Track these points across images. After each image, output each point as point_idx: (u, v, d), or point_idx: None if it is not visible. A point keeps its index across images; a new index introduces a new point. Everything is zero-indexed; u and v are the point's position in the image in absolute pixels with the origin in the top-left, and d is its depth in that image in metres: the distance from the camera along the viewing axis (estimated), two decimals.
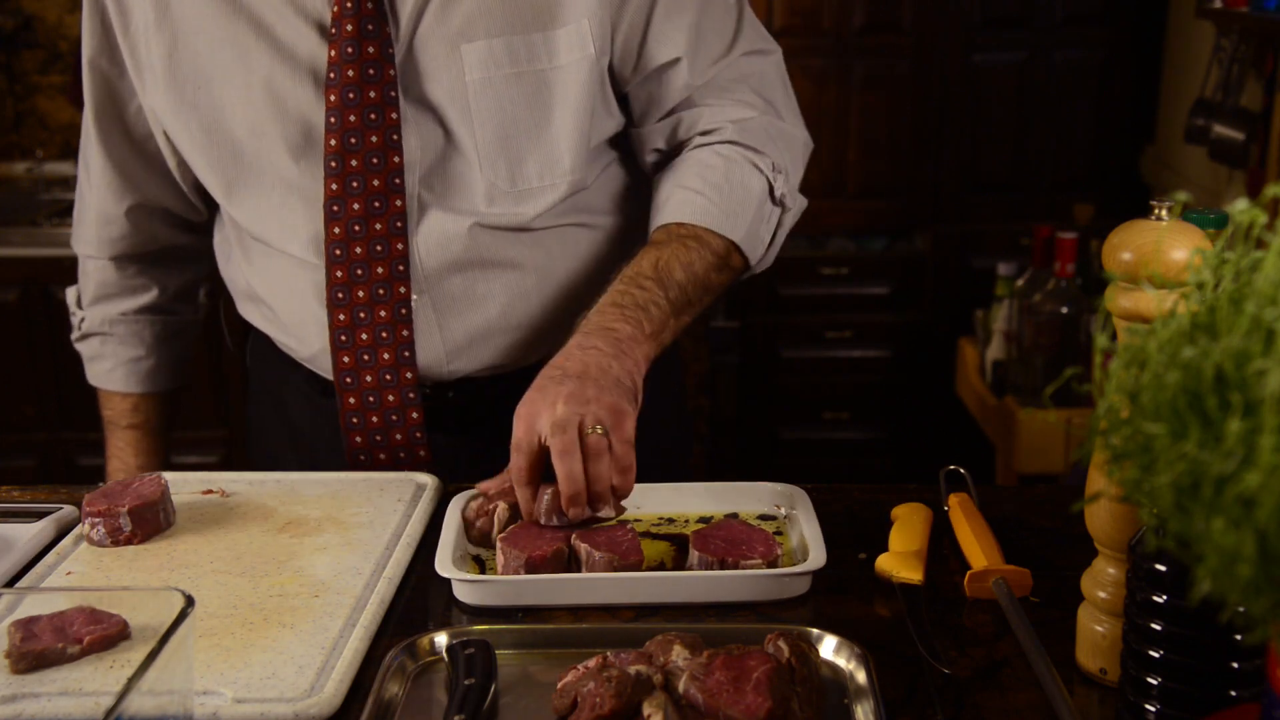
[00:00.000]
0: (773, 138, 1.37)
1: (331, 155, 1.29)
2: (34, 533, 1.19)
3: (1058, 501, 1.29)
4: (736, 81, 1.37)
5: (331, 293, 1.33)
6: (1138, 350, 0.65)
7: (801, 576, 1.08)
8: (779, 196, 1.37)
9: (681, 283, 1.28)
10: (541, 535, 1.10)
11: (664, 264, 1.28)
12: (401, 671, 0.95)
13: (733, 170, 1.33)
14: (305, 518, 1.23)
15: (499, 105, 1.30)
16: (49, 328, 3.13)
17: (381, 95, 1.28)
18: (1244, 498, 0.55)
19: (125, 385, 1.56)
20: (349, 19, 1.26)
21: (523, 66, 1.29)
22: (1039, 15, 3.50)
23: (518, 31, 1.28)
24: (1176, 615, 0.82)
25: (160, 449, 1.60)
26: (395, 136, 1.29)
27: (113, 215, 1.48)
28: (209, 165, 1.35)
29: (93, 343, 1.56)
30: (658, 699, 0.86)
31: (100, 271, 1.53)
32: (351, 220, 1.31)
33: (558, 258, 1.38)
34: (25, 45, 3.65)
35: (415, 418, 1.36)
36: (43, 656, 0.93)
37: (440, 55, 1.29)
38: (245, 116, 1.31)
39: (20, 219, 3.21)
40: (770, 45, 1.41)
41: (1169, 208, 0.87)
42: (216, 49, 1.30)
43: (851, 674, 0.94)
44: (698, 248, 1.30)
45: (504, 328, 1.37)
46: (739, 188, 1.33)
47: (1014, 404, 2.90)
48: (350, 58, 1.27)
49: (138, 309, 1.54)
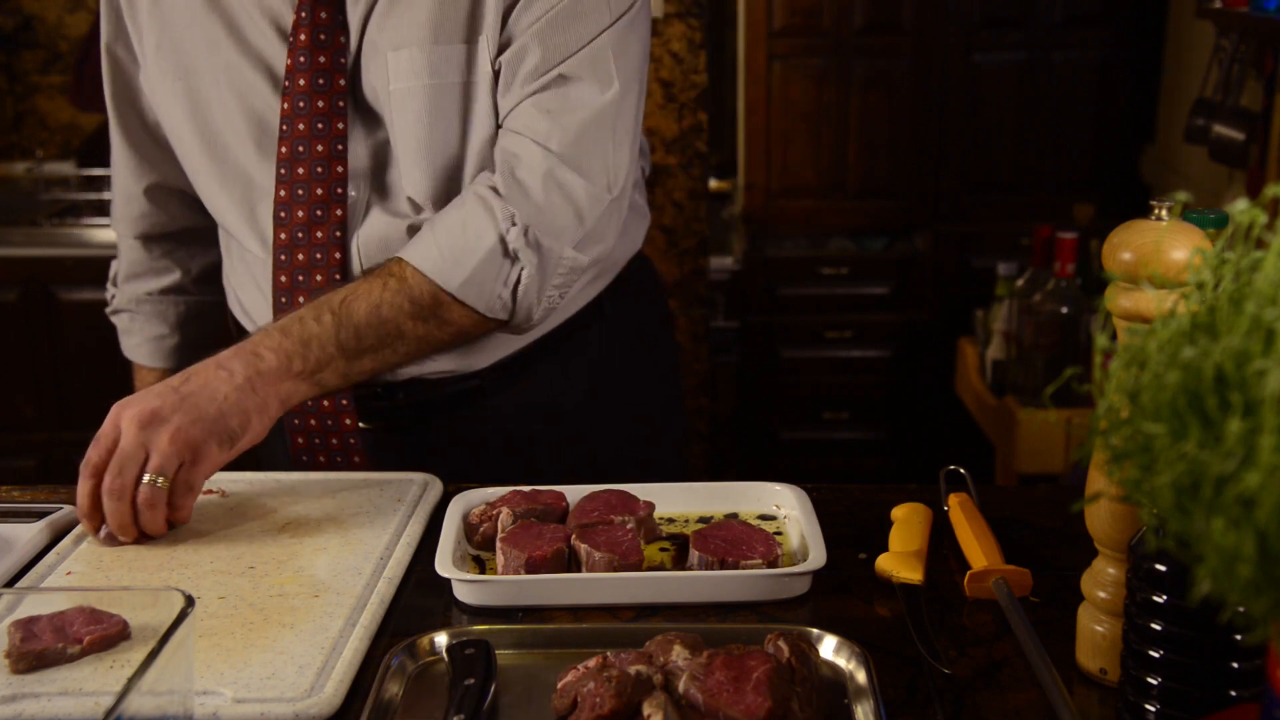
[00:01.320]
0: (546, 184, 1.27)
1: (282, 162, 1.32)
2: (34, 533, 1.19)
3: (1058, 501, 1.29)
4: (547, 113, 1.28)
5: (276, 296, 1.35)
6: (1138, 350, 0.65)
7: (801, 576, 1.08)
8: (512, 250, 1.27)
9: (359, 325, 1.24)
10: (541, 535, 1.10)
11: (349, 300, 1.24)
12: (401, 671, 0.95)
13: (470, 216, 1.27)
14: (305, 518, 1.23)
15: (415, 115, 1.30)
16: (49, 328, 3.13)
17: (329, 104, 1.30)
18: (1244, 498, 0.55)
19: (151, 360, 1.61)
20: (304, 28, 1.29)
21: (443, 78, 1.29)
22: (1039, 15, 3.50)
23: (441, 42, 1.29)
24: (1176, 615, 0.82)
25: None
26: (340, 146, 1.31)
27: (133, 194, 1.52)
28: (189, 153, 1.39)
29: (122, 318, 1.62)
30: (658, 699, 0.86)
31: (130, 251, 1.58)
32: (296, 226, 1.33)
33: None
34: (25, 45, 3.65)
35: (349, 423, 1.37)
36: (43, 656, 0.93)
37: (376, 63, 1.31)
38: (221, 111, 1.35)
39: (20, 219, 3.21)
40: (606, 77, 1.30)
41: (1169, 208, 0.87)
42: (197, 46, 1.34)
43: (851, 674, 0.94)
44: (397, 289, 1.25)
45: None
46: (468, 235, 1.26)
47: (1014, 404, 2.90)
48: (303, 66, 1.29)
49: (161, 289, 1.60)
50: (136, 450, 1.12)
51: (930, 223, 3.62)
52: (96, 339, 3.12)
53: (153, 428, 1.12)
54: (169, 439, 1.12)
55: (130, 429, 1.12)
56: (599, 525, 1.13)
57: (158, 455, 1.12)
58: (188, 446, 1.13)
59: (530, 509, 1.17)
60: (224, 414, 1.16)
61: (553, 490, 1.21)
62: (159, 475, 1.11)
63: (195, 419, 1.14)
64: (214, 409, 1.15)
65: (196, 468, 1.14)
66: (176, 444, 1.12)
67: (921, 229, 3.65)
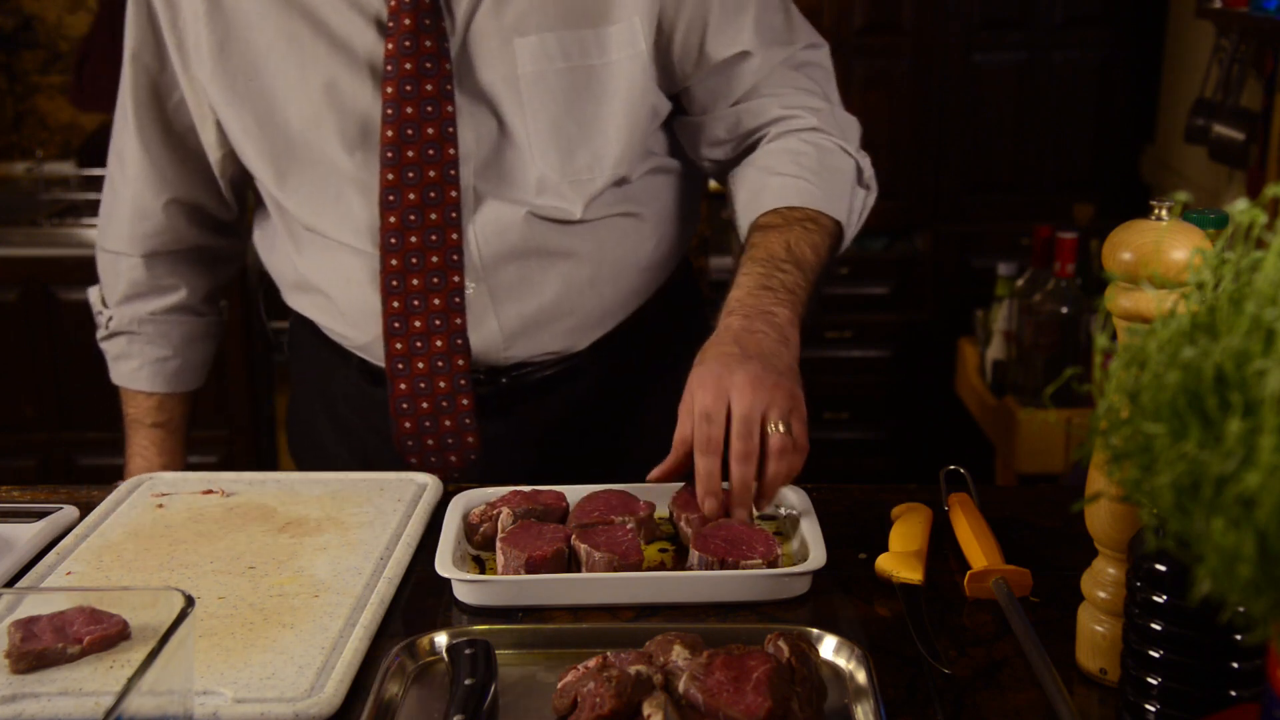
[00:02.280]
0: (841, 125, 1.42)
1: (388, 146, 1.31)
2: (34, 533, 1.19)
3: (1058, 501, 1.29)
4: (796, 71, 1.41)
5: (386, 280, 1.34)
6: (1138, 350, 0.65)
7: (801, 576, 1.08)
8: (866, 179, 1.42)
9: (813, 264, 1.29)
10: (541, 535, 1.10)
11: (795, 245, 1.29)
12: (401, 671, 0.95)
13: (825, 156, 1.37)
14: (305, 518, 1.23)
15: (551, 98, 1.32)
16: (49, 328, 3.13)
17: (438, 88, 1.30)
18: (1244, 498, 0.55)
19: (151, 385, 1.56)
20: (406, 13, 1.28)
21: (574, 61, 1.32)
22: (1039, 15, 3.50)
23: (569, 27, 1.31)
24: (1176, 615, 0.82)
25: (182, 448, 1.61)
26: (450, 129, 1.31)
27: (149, 210, 1.48)
28: (260, 155, 1.36)
29: (119, 342, 1.57)
30: (658, 699, 0.86)
31: (131, 270, 1.53)
32: (407, 210, 1.32)
33: (608, 247, 1.41)
34: (25, 45, 3.65)
35: (465, 404, 1.38)
36: (43, 656, 0.93)
37: (494, 49, 1.31)
38: (300, 110, 1.33)
39: (20, 219, 3.21)
40: (820, 39, 1.46)
41: (1169, 208, 0.87)
42: (271, 43, 1.32)
43: (851, 674, 0.94)
44: (817, 230, 1.32)
45: (558, 314, 1.40)
46: (834, 171, 1.37)
47: (1014, 404, 2.90)
48: (408, 51, 1.28)
49: (166, 309, 1.55)
50: (756, 412, 1.11)
51: (930, 223, 3.62)
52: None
53: (764, 387, 1.12)
54: (784, 392, 1.13)
55: (742, 395, 1.11)
56: (599, 525, 1.13)
57: (777, 410, 1.12)
58: (792, 395, 1.14)
59: (530, 509, 1.17)
60: (790, 359, 1.18)
61: (552, 490, 1.21)
62: (780, 422, 1.12)
63: (784, 371, 1.15)
64: (785, 360, 1.17)
65: (801, 409, 1.15)
66: (788, 394, 1.13)
67: (921, 229, 3.64)
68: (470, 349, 1.37)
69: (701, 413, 1.12)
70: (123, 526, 1.21)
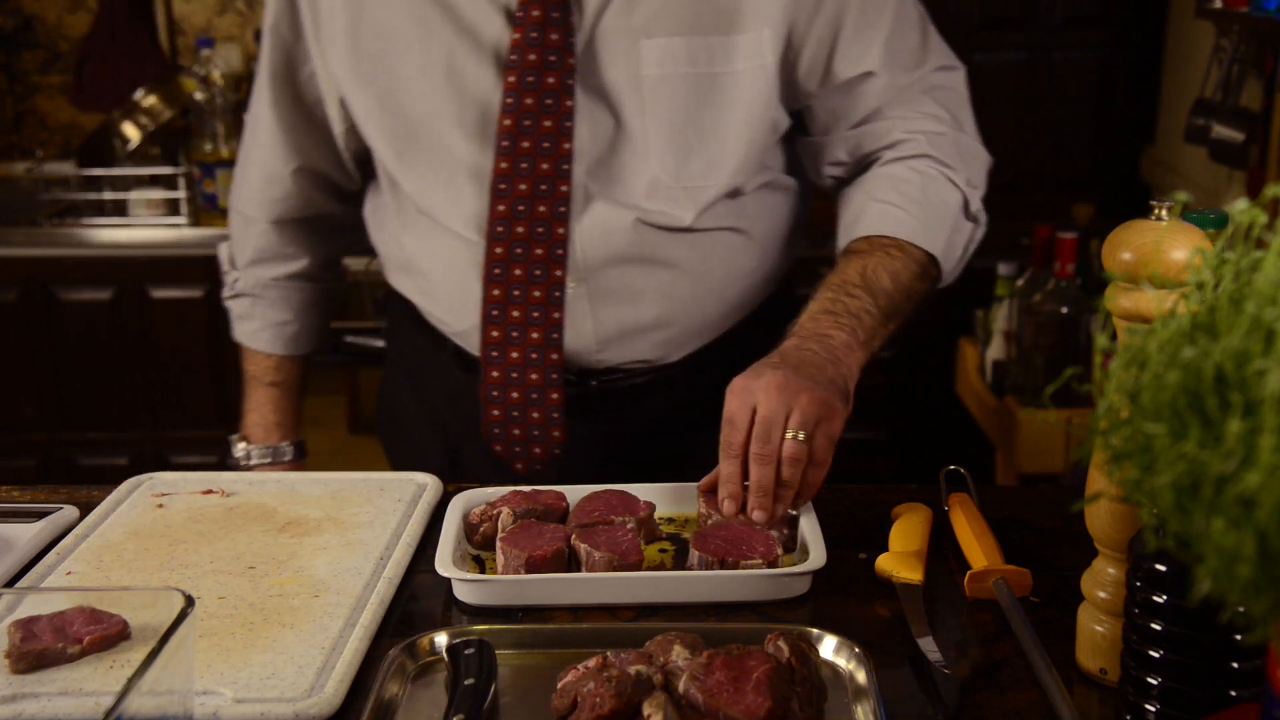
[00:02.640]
0: (962, 152, 1.38)
1: (504, 135, 1.32)
2: (34, 533, 1.19)
3: (1058, 501, 1.29)
4: (924, 95, 1.38)
5: (489, 268, 1.35)
6: (1138, 350, 0.65)
7: (801, 576, 1.08)
8: (973, 212, 1.38)
9: (889, 291, 1.28)
10: (542, 535, 1.10)
11: (871, 272, 1.28)
12: (401, 671, 0.95)
13: (929, 185, 1.34)
14: (305, 518, 1.23)
15: (672, 102, 1.32)
16: (49, 328, 3.13)
17: (559, 82, 1.30)
18: (1244, 498, 0.55)
19: (270, 347, 1.62)
20: (535, 5, 1.29)
21: (700, 67, 1.31)
22: (1039, 15, 3.50)
23: (698, 33, 1.30)
24: (1176, 615, 0.82)
25: (296, 407, 1.67)
26: (568, 124, 1.31)
27: (279, 175, 1.53)
28: (381, 135, 1.39)
29: (244, 302, 1.62)
30: (658, 699, 0.86)
31: (261, 236, 1.58)
32: (516, 200, 1.33)
33: (714, 260, 1.40)
34: (25, 45, 3.65)
35: (555, 398, 1.38)
36: (43, 656, 0.93)
37: (620, 48, 1.31)
38: (422, 92, 1.35)
39: (20, 219, 3.21)
40: (955, 61, 1.44)
41: (1169, 208, 0.87)
42: (400, 25, 1.34)
43: (851, 674, 0.94)
44: (901, 257, 1.31)
45: (656, 324, 1.40)
46: (936, 202, 1.34)
47: (1014, 404, 2.90)
48: (533, 42, 1.29)
49: (289, 275, 1.60)
50: (779, 413, 1.12)
51: None
52: (96, 339, 3.13)
53: (789, 392, 1.13)
54: (807, 399, 1.13)
55: (768, 397, 1.12)
56: (599, 525, 1.13)
57: (799, 414, 1.12)
58: (824, 404, 1.14)
59: (530, 509, 1.17)
60: (835, 376, 1.18)
61: (552, 490, 1.21)
62: (799, 430, 1.12)
63: (819, 381, 1.15)
64: (827, 372, 1.17)
65: (833, 423, 1.15)
66: (815, 403, 1.13)
67: None
68: (564, 346, 1.37)
69: (726, 417, 1.14)
70: (123, 526, 1.21)
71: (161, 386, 3.15)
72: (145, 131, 3.23)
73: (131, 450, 3.18)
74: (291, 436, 1.64)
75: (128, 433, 3.17)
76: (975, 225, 1.39)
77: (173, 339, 3.12)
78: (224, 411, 3.18)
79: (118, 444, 3.18)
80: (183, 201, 3.13)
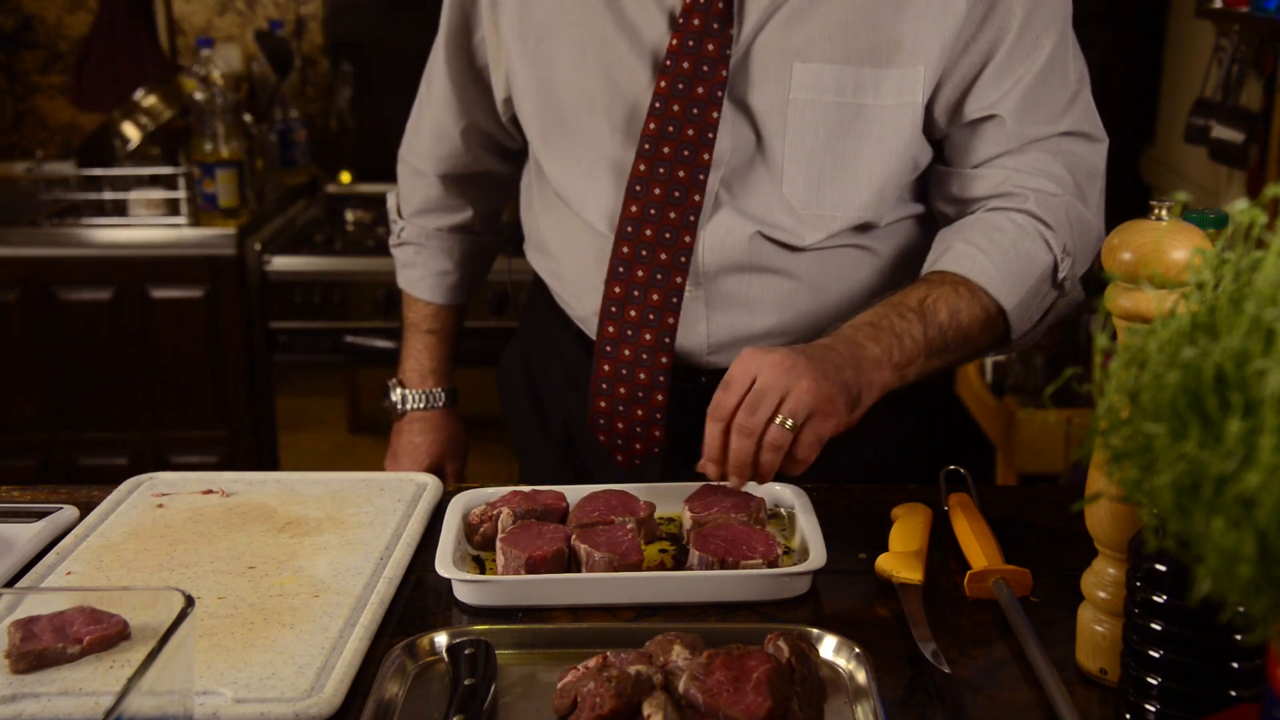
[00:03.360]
0: (1071, 221, 1.33)
1: (647, 137, 1.32)
2: (34, 533, 1.19)
3: (1058, 501, 1.29)
4: (1051, 156, 1.34)
5: (613, 264, 1.35)
6: (1138, 350, 0.65)
7: (802, 576, 1.08)
8: (1060, 279, 1.32)
9: (943, 324, 1.25)
10: (542, 535, 1.10)
11: (931, 302, 1.25)
12: (401, 671, 0.95)
13: (1022, 240, 1.30)
14: (305, 518, 1.23)
15: (813, 128, 1.31)
16: (49, 328, 3.13)
17: (708, 93, 1.30)
18: (1244, 498, 0.55)
19: (431, 295, 1.66)
20: (697, 14, 1.29)
21: (847, 97, 1.30)
22: None
23: (852, 62, 1.29)
24: (1176, 615, 0.82)
25: (450, 355, 1.71)
26: (711, 134, 1.31)
27: (448, 133, 1.57)
28: (533, 114, 1.41)
29: (408, 250, 1.66)
30: (658, 699, 0.86)
31: (428, 188, 1.63)
32: (650, 203, 1.33)
33: (834, 275, 1.38)
34: (25, 45, 3.65)
35: (660, 399, 1.38)
36: (43, 656, 0.93)
37: (771, 67, 1.30)
38: (576, 80, 1.36)
39: (20, 219, 3.20)
40: (1099, 133, 1.38)
41: (1169, 208, 0.87)
42: (566, 11, 1.35)
43: (851, 674, 0.94)
44: (969, 297, 1.27)
45: (769, 333, 1.39)
46: (1023, 258, 1.29)
47: (1014, 404, 2.90)
48: (690, 50, 1.29)
49: (451, 226, 1.65)
50: (774, 391, 1.11)
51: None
52: (96, 339, 3.13)
53: (793, 374, 1.11)
54: (807, 386, 1.11)
55: (770, 371, 1.11)
56: (599, 525, 1.13)
57: (793, 399, 1.11)
58: (824, 397, 1.12)
59: (530, 509, 1.17)
60: (850, 380, 1.16)
61: (552, 490, 1.21)
62: (789, 418, 1.11)
63: (828, 376, 1.13)
64: (843, 374, 1.15)
65: (827, 421, 1.13)
66: (813, 393, 1.11)
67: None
68: (675, 350, 1.37)
69: (725, 379, 1.13)
70: (123, 526, 1.21)
71: (161, 386, 3.15)
72: (145, 131, 3.23)
73: (131, 450, 3.18)
74: (445, 384, 1.68)
75: (128, 433, 3.17)
76: (1059, 295, 1.33)
77: (173, 339, 3.12)
78: (224, 411, 3.18)
79: (118, 444, 3.17)
80: (183, 201, 3.12)
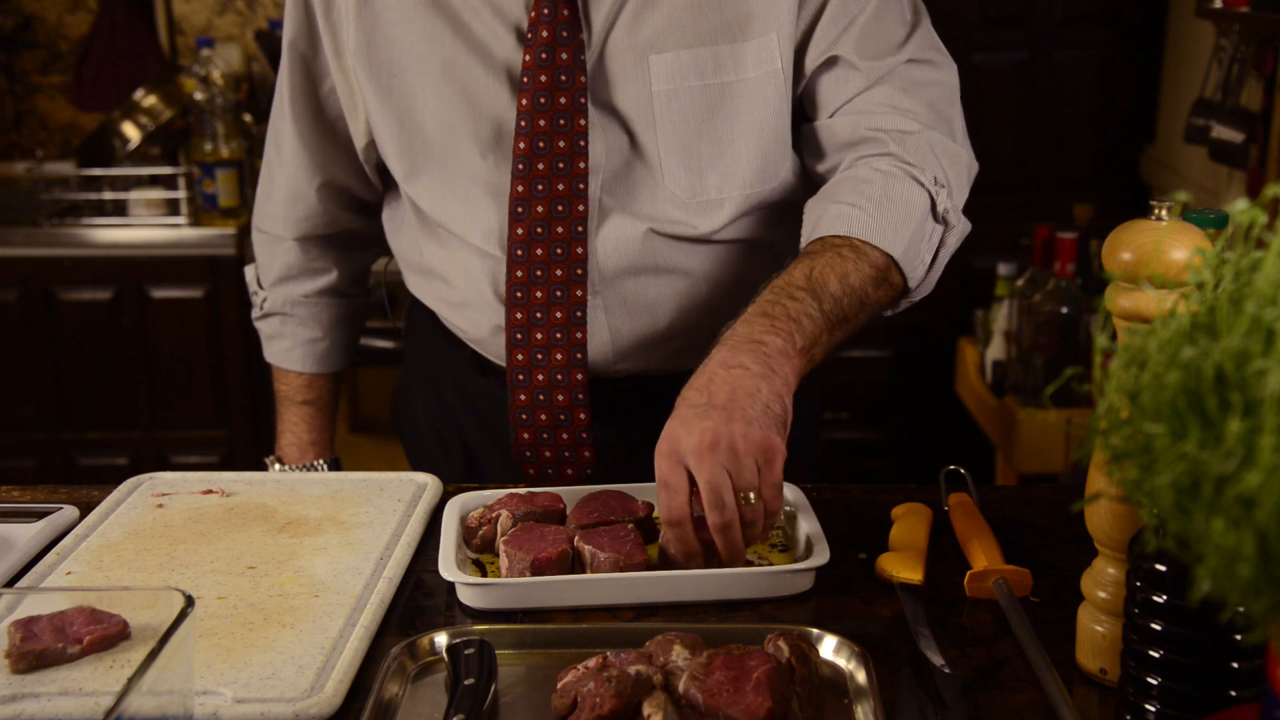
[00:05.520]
0: (937, 153, 1.30)
1: (520, 158, 1.31)
2: (34, 533, 1.19)
3: (1058, 501, 1.29)
4: (902, 92, 1.32)
5: (511, 291, 1.34)
6: (1138, 350, 0.65)
7: (805, 573, 1.08)
8: (941, 213, 1.29)
9: (836, 294, 1.20)
10: (544, 537, 1.10)
11: (818, 274, 1.20)
12: (401, 671, 0.95)
13: (891, 184, 1.26)
14: (305, 518, 1.23)
15: (683, 117, 1.30)
16: (49, 328, 3.13)
17: (571, 101, 1.29)
18: (1244, 498, 0.55)
19: (302, 365, 1.61)
20: (545, 25, 1.28)
21: (709, 79, 1.30)
22: (1039, 15, 3.50)
23: (706, 44, 1.29)
24: (1176, 615, 0.82)
25: (330, 425, 1.66)
26: (582, 142, 1.30)
27: (303, 193, 1.52)
28: (397, 151, 1.38)
29: (273, 322, 1.61)
30: (658, 699, 0.86)
31: (287, 253, 1.58)
32: (535, 222, 1.32)
33: (729, 268, 1.38)
34: (25, 45, 3.65)
35: (583, 419, 1.37)
36: (43, 656, 0.93)
37: (628, 65, 1.30)
38: (436, 110, 1.34)
39: (20, 219, 3.21)
40: (945, 59, 1.37)
41: (1169, 208, 0.87)
42: (413, 41, 1.33)
43: (851, 674, 0.94)
44: (854, 258, 1.22)
45: (671, 333, 1.38)
46: (898, 201, 1.26)
47: (1014, 404, 2.90)
48: (544, 63, 1.28)
49: (317, 291, 1.60)
50: (722, 478, 1.05)
51: None
52: (96, 339, 3.13)
53: (720, 450, 1.05)
54: (744, 447, 1.06)
55: (703, 463, 1.05)
56: (601, 526, 1.13)
57: (744, 473, 1.06)
58: (762, 448, 1.06)
59: (529, 511, 1.17)
60: (767, 405, 1.09)
61: (549, 492, 1.21)
62: (749, 492, 1.06)
63: (752, 419, 1.07)
64: (757, 406, 1.08)
65: (774, 465, 1.08)
66: (752, 452, 1.06)
67: None
68: (588, 363, 1.36)
69: (660, 481, 1.08)
70: (123, 526, 1.21)
71: (161, 386, 3.15)
72: (145, 131, 3.23)
73: (131, 450, 3.18)
74: (326, 455, 1.64)
75: (128, 433, 3.17)
76: (946, 228, 1.30)
77: (173, 339, 3.12)
78: (224, 411, 3.18)
79: (118, 444, 3.18)
80: (183, 201, 3.13)
